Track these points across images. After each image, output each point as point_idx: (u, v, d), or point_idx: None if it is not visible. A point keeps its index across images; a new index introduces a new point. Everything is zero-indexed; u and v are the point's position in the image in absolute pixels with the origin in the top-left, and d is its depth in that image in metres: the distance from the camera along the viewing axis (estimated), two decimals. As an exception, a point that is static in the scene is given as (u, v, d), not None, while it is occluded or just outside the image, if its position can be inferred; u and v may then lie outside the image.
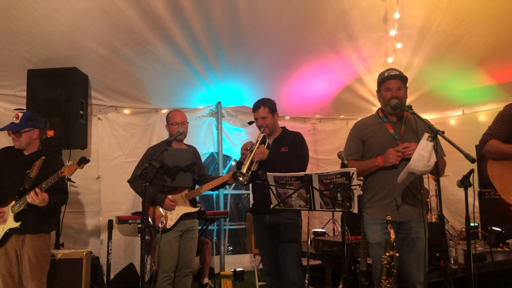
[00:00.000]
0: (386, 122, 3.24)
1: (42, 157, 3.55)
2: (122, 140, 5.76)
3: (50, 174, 3.44)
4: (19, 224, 3.39)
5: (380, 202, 3.17)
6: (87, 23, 4.53)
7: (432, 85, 6.38)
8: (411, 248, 3.10)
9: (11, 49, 4.64)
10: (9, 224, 3.42)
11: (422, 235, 3.06)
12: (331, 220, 6.87)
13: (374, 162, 3.13)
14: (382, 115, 3.29)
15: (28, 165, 3.51)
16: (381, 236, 3.10)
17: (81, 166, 3.38)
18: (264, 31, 5.17)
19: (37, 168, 3.49)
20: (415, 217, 3.12)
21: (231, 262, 6.48)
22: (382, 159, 3.07)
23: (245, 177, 3.52)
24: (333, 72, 6.16)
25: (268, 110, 3.81)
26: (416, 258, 3.08)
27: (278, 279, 3.73)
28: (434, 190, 6.54)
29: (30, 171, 3.48)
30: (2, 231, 3.42)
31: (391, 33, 5.47)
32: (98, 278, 4.94)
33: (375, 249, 3.17)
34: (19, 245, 3.43)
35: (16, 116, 3.53)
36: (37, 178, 3.46)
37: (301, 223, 3.78)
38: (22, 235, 3.43)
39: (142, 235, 3.51)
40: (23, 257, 3.43)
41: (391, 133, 3.19)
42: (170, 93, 6.02)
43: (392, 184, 3.07)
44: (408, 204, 3.12)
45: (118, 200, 5.57)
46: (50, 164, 3.58)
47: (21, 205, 3.39)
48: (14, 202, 3.44)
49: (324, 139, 7.39)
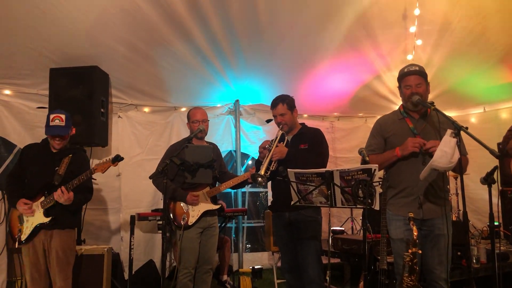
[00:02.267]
0: (406, 117, 3.22)
1: (69, 155, 3.64)
2: (142, 138, 5.82)
3: (77, 171, 3.54)
4: (49, 219, 3.48)
5: (404, 199, 3.16)
6: (108, 22, 4.57)
7: (453, 82, 6.28)
8: (434, 244, 3.08)
9: (34, 48, 4.71)
10: (39, 219, 3.50)
11: (446, 231, 3.05)
12: (349, 218, 6.84)
13: (392, 153, 3.14)
14: (403, 110, 3.27)
15: (57, 162, 3.61)
16: (404, 232, 3.09)
17: (115, 163, 3.47)
18: (282, 29, 5.16)
19: (65, 166, 3.59)
20: (438, 215, 3.10)
21: (249, 260, 6.50)
22: (401, 148, 3.06)
23: (263, 178, 3.50)
24: (352, 70, 6.12)
25: (286, 107, 3.78)
26: (439, 255, 3.06)
27: (298, 276, 3.71)
28: (454, 188, 6.47)
29: (58, 168, 3.57)
30: (31, 226, 3.50)
31: (411, 29, 5.41)
32: (118, 274, 5.01)
33: (397, 245, 3.16)
34: (47, 240, 3.52)
35: (60, 119, 3.60)
36: (66, 174, 3.56)
37: (321, 221, 3.76)
38: (50, 230, 3.53)
39: (163, 231, 3.55)
40: (51, 251, 3.52)
41: (410, 128, 3.17)
42: (189, 91, 6.05)
43: (414, 181, 3.05)
44: (431, 202, 3.11)
45: (138, 197, 5.63)
46: (78, 162, 3.70)
47: (51, 200, 3.48)
48: (44, 198, 3.52)
49: (342, 137, 7.36)
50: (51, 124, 3.58)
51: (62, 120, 3.60)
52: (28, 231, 3.50)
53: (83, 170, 3.57)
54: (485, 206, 2.84)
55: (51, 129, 3.59)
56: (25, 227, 3.52)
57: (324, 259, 3.90)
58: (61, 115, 3.62)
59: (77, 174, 3.50)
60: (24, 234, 3.51)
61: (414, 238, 2.75)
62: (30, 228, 3.50)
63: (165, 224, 3.58)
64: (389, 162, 3.19)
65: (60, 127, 3.59)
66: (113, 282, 4.55)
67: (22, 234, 3.51)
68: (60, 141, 3.64)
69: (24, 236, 3.50)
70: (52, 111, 3.72)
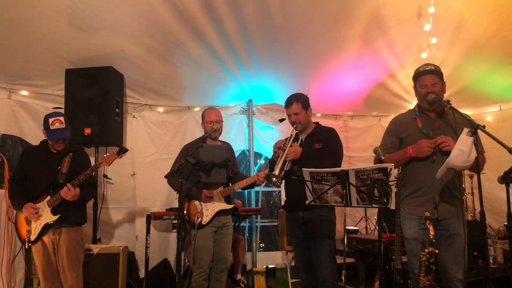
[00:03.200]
0: (417, 116, 3.21)
1: (70, 153, 3.67)
2: (156, 137, 5.86)
3: (80, 168, 3.57)
4: (56, 217, 3.52)
5: (418, 199, 3.14)
6: (123, 23, 4.62)
7: (468, 81, 6.21)
8: (449, 244, 3.06)
9: (50, 49, 4.77)
10: (47, 217, 3.54)
11: (461, 231, 3.02)
12: (363, 218, 6.82)
13: (405, 153, 3.12)
14: (417, 109, 3.25)
15: (58, 162, 3.63)
16: (417, 232, 3.08)
17: (120, 155, 3.48)
18: (296, 28, 5.15)
19: (67, 164, 3.61)
20: (454, 215, 3.08)
21: (262, 259, 6.51)
22: (414, 149, 3.05)
23: (278, 178, 3.49)
24: (366, 68, 6.08)
25: (301, 106, 3.76)
26: (454, 254, 3.04)
27: (312, 276, 3.70)
28: (469, 187, 6.41)
29: (61, 167, 3.60)
30: (40, 225, 3.54)
31: (426, 27, 5.36)
32: (133, 273, 5.04)
33: (411, 244, 3.15)
34: (56, 238, 3.57)
35: (60, 122, 3.60)
36: (69, 172, 3.59)
37: (335, 220, 3.73)
38: (59, 228, 3.57)
39: (178, 230, 3.57)
40: (61, 249, 3.56)
41: (419, 127, 3.15)
42: (203, 91, 6.07)
43: (430, 181, 3.03)
44: (446, 202, 3.08)
45: (152, 196, 5.68)
46: (79, 159, 3.73)
47: (58, 199, 3.51)
48: (50, 197, 3.56)
49: (356, 137, 7.33)
50: (52, 128, 3.57)
51: (62, 123, 3.60)
52: (37, 230, 3.54)
53: (85, 167, 3.60)
54: (501, 205, 2.82)
55: (54, 134, 3.59)
56: (33, 227, 3.56)
57: (339, 259, 3.89)
58: (60, 118, 3.62)
59: (79, 171, 3.52)
60: (33, 234, 3.55)
61: (430, 237, 2.73)
62: (39, 227, 3.54)
63: (180, 223, 3.61)
64: (403, 162, 3.18)
65: (62, 130, 3.60)
66: (128, 280, 4.59)
67: (31, 234, 3.55)
68: (63, 143, 3.67)
69: (34, 236, 3.54)
70: (49, 114, 3.66)
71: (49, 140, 3.66)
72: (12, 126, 5.03)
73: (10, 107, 5.02)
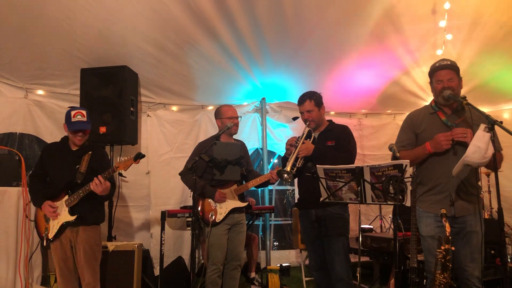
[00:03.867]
0: (438, 110, 3.16)
1: (89, 152, 3.68)
2: (170, 136, 5.90)
3: (98, 168, 3.58)
4: (74, 217, 3.54)
5: (434, 196, 3.10)
6: (137, 22, 4.64)
7: (485, 78, 6.13)
8: (466, 241, 3.02)
9: (66, 49, 4.82)
10: (64, 217, 3.57)
11: (478, 228, 2.98)
12: (378, 217, 6.77)
13: (423, 149, 3.07)
14: (435, 105, 3.21)
15: (77, 160, 3.64)
16: (434, 229, 3.05)
17: (137, 161, 3.48)
18: (309, 25, 5.13)
19: (85, 163, 3.62)
20: (470, 212, 3.04)
21: (276, 257, 6.51)
22: (431, 144, 3.01)
23: (289, 174, 3.47)
24: (380, 66, 6.04)
25: (314, 103, 3.75)
26: (471, 252, 3.00)
27: (326, 274, 3.68)
28: (486, 186, 6.33)
29: (79, 166, 3.61)
30: (57, 224, 3.57)
31: (441, 24, 5.30)
32: (148, 270, 5.08)
33: (428, 242, 3.12)
34: (74, 237, 3.59)
35: (82, 115, 3.63)
36: (87, 172, 3.60)
37: (348, 218, 3.71)
38: (76, 227, 3.59)
39: (192, 227, 3.58)
40: (78, 247, 3.58)
41: (443, 121, 3.11)
42: (216, 89, 6.09)
43: (446, 178, 3.00)
44: (463, 200, 3.05)
45: (167, 194, 5.71)
46: (98, 158, 3.74)
47: (75, 199, 3.53)
48: (68, 197, 3.58)
49: (370, 135, 7.27)
50: (73, 120, 3.60)
51: (84, 116, 3.64)
52: (55, 229, 3.56)
53: (104, 166, 3.62)
54: (519, 204, 2.76)
55: (74, 125, 3.61)
56: (51, 225, 3.59)
57: (353, 257, 3.86)
58: (83, 111, 3.66)
59: (97, 170, 3.53)
60: (51, 232, 3.57)
61: (446, 234, 2.70)
62: (57, 226, 3.57)
63: (194, 221, 3.62)
64: (421, 159, 3.14)
65: (83, 122, 3.63)
66: (143, 278, 4.62)
67: (49, 232, 3.57)
68: (82, 137, 3.67)
69: (51, 234, 3.57)
70: (73, 108, 3.75)
71: (69, 132, 3.67)
72: (29, 125, 5.11)
73: (27, 106, 5.10)
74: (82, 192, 3.51)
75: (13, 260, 4.31)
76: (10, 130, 5.04)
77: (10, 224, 4.32)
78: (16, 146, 5.03)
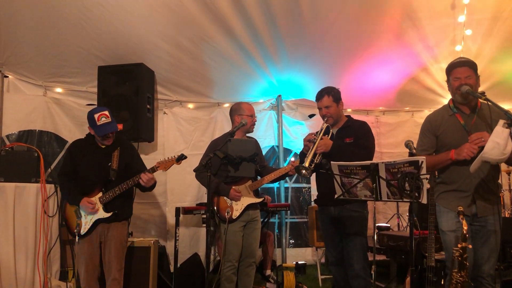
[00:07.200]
0: (456, 112, 3.11)
1: (117, 147, 3.72)
2: (186, 133, 5.93)
3: (130, 161, 3.67)
4: (109, 214, 3.59)
5: (456, 193, 3.06)
6: (153, 20, 4.68)
7: (505, 74, 6.00)
8: (485, 240, 2.97)
9: (83, 47, 4.89)
10: (99, 214, 3.60)
11: (498, 228, 2.94)
12: (395, 215, 6.69)
13: (447, 156, 3.01)
14: (453, 105, 3.16)
15: (108, 158, 3.68)
16: (456, 224, 3.01)
17: (179, 162, 3.51)
18: (325, 22, 5.09)
19: (116, 159, 3.67)
20: (491, 212, 2.99)
21: (292, 255, 6.48)
22: (456, 152, 2.94)
23: (308, 170, 3.41)
24: (398, 62, 5.96)
25: (332, 99, 3.68)
26: (489, 251, 2.96)
27: (344, 270, 3.66)
28: (506, 184, 6.20)
29: (111, 163, 3.65)
30: (91, 221, 3.60)
31: (460, 19, 5.21)
32: (165, 267, 5.10)
33: (449, 236, 3.07)
34: (104, 232, 3.63)
35: (106, 116, 3.62)
36: (119, 168, 3.65)
37: (367, 216, 3.66)
38: (108, 223, 3.63)
39: (207, 224, 3.58)
40: (109, 242, 3.63)
41: (462, 124, 3.05)
42: (232, 87, 6.09)
43: (468, 177, 2.95)
44: (484, 199, 3.00)
45: (183, 191, 5.74)
46: (128, 153, 3.79)
47: (110, 196, 3.58)
48: (102, 194, 3.62)
49: (387, 132, 7.18)
50: (99, 123, 3.58)
51: (108, 117, 3.62)
52: (88, 226, 3.59)
53: (135, 157, 3.71)
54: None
55: (102, 129, 3.59)
56: (84, 222, 3.60)
57: (370, 256, 3.82)
58: (105, 112, 3.64)
59: (130, 163, 3.60)
60: (84, 228, 3.58)
61: (464, 232, 2.65)
62: (90, 223, 3.59)
63: (209, 217, 3.62)
64: (443, 165, 3.09)
65: (109, 124, 3.62)
66: (160, 274, 4.65)
67: (82, 228, 3.58)
68: (112, 137, 3.70)
69: (84, 230, 3.58)
70: (93, 111, 3.68)
71: (98, 136, 3.66)
72: (48, 123, 5.19)
73: (46, 104, 5.19)
74: (118, 190, 3.56)
75: (32, 255, 4.38)
76: (29, 128, 5.13)
77: (29, 220, 4.40)
78: (35, 143, 5.11)
